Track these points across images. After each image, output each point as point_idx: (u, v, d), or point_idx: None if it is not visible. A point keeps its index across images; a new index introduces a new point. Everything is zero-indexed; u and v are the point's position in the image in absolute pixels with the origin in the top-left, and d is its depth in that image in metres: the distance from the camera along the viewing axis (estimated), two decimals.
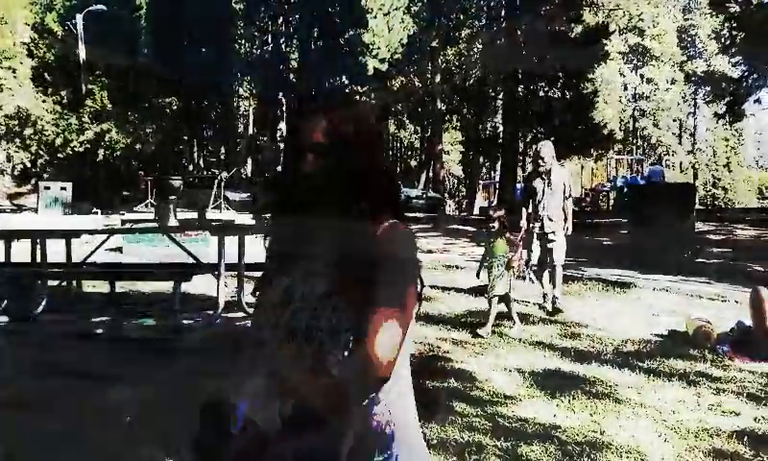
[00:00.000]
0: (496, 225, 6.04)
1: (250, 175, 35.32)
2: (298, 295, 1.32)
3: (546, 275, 6.92)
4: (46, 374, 4.47)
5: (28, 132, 23.02)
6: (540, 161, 7.00)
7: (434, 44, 32.23)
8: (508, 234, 6.10)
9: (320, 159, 1.35)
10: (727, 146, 58.15)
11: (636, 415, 3.91)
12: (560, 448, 3.39)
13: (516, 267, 6.23)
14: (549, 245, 6.82)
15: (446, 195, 35.67)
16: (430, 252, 11.99)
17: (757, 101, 24.22)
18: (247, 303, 6.52)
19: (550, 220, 6.84)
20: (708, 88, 24.94)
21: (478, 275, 6.36)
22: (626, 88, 54.10)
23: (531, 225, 6.92)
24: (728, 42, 24.13)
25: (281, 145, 34.82)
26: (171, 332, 5.66)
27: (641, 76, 53.46)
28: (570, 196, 7.12)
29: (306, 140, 1.37)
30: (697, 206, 17.15)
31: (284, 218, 1.43)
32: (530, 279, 7.55)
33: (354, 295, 1.27)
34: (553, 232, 6.84)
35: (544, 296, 6.99)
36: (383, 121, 37.82)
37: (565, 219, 6.89)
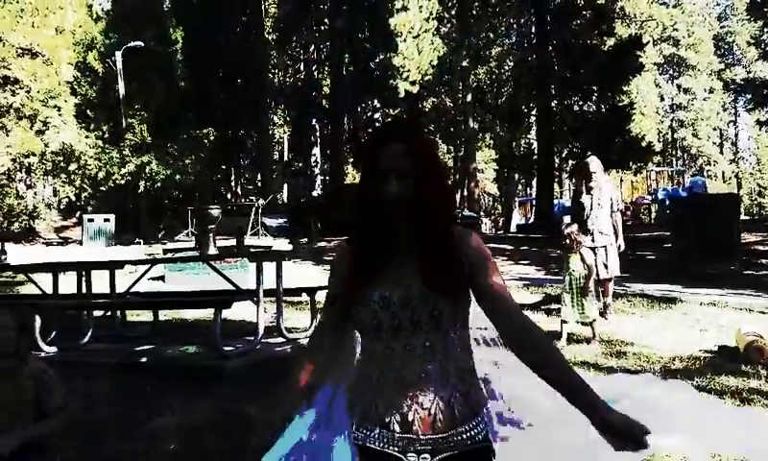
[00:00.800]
0: (568, 241, 6.13)
1: (286, 201, 35.79)
2: (395, 299, 1.53)
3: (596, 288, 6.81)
4: (93, 403, 4.56)
5: (72, 167, 23.77)
6: (588, 175, 7.09)
7: (464, 64, 32.31)
8: (582, 250, 6.12)
9: (404, 182, 1.53)
10: None
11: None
12: None
13: (590, 287, 6.15)
14: (602, 259, 6.85)
15: (482, 213, 35.44)
16: None
17: None
18: (285, 328, 6.56)
19: (601, 233, 6.92)
20: (749, 96, 24.24)
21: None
22: (663, 99, 53.24)
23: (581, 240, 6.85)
24: None
25: (315, 170, 35.23)
26: (213, 359, 5.72)
27: (678, 86, 52.60)
28: (619, 209, 7.22)
29: (391, 165, 1.54)
30: (742, 217, 16.65)
31: (369, 238, 1.60)
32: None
33: (447, 290, 1.53)
34: (604, 246, 6.89)
35: (605, 305, 7.04)
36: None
37: (616, 233, 7.00)
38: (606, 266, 6.88)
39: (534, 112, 28.66)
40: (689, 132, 52.90)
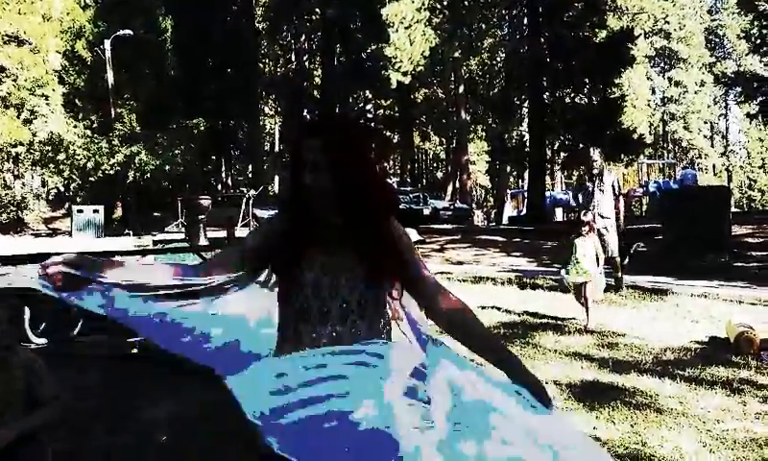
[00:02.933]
0: (587, 228, 6.65)
1: (277, 192, 35.64)
2: (326, 285, 1.60)
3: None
4: (84, 394, 4.52)
5: (61, 157, 23.51)
6: (591, 163, 7.86)
7: (456, 55, 32.24)
8: (594, 236, 6.71)
9: (318, 174, 1.58)
10: (762, 147, 56.80)
11: (679, 425, 3.79)
12: None
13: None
14: (603, 239, 7.42)
15: (474, 205, 35.49)
16: (460, 263, 11.91)
17: None
18: None
19: (601, 217, 7.61)
20: (740, 89, 24.34)
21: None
22: (654, 92, 53.42)
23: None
24: (758, 41, 23.66)
25: None
26: None
27: (669, 79, 52.78)
28: (621, 194, 7.95)
29: (307, 157, 1.59)
30: (733, 209, 16.74)
31: (297, 221, 1.65)
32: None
33: (377, 280, 1.64)
34: (605, 228, 7.63)
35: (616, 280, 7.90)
36: (408, 133, 37.89)
37: (618, 215, 7.78)
38: (606, 245, 7.45)
39: (526, 104, 28.65)
40: (680, 124, 53.14)
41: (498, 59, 33.44)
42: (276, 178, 39.28)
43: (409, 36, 26.77)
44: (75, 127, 23.57)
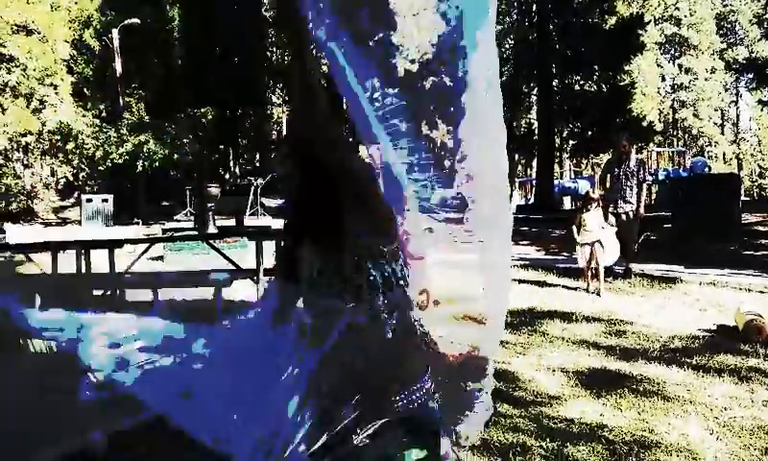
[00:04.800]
0: (594, 204, 7.33)
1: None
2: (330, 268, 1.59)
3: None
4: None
5: (70, 146, 23.58)
6: (621, 148, 8.16)
7: (464, 43, 32.02)
8: (599, 211, 7.47)
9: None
10: None
11: (686, 412, 3.79)
12: (607, 448, 3.31)
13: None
14: (623, 225, 7.94)
15: None
16: None
17: None
18: None
19: (626, 201, 7.94)
20: (751, 75, 24.08)
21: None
22: (664, 79, 52.93)
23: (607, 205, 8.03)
24: None
25: None
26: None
27: (680, 66, 52.25)
28: (646, 180, 8.14)
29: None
30: (743, 197, 16.62)
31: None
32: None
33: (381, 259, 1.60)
34: (626, 213, 7.96)
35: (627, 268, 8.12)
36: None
37: (639, 200, 7.95)
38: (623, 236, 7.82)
39: (534, 92, 28.48)
40: (690, 112, 52.63)
41: (507, 46, 33.17)
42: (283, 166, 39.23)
43: (416, 23, 26.64)
44: (84, 116, 23.63)
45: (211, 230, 10.53)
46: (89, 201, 20.21)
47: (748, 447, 3.32)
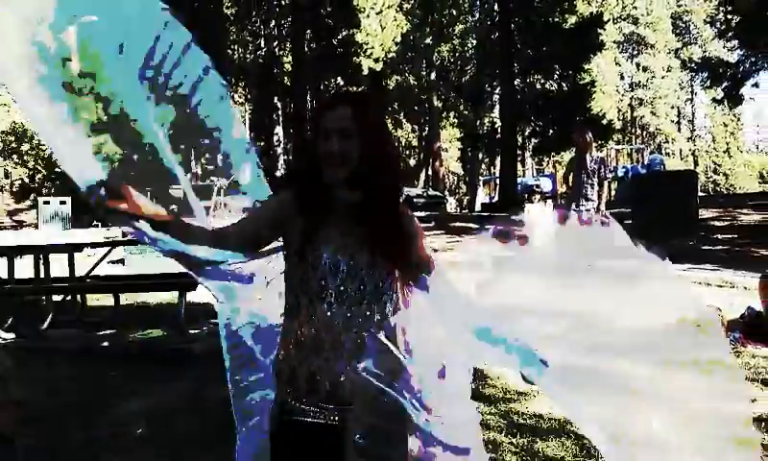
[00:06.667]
0: (538, 198, 7.06)
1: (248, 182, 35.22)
2: (344, 266, 1.61)
3: None
4: (55, 390, 4.44)
5: (25, 147, 22.95)
6: (580, 145, 8.10)
7: (428, 41, 32.20)
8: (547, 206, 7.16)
9: (348, 141, 1.59)
10: (726, 131, 58.01)
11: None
12: (576, 443, 3.35)
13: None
14: None
15: (447, 193, 35.64)
16: (434, 250, 11.94)
17: (755, 85, 24.00)
18: None
19: (587, 199, 7.80)
20: (705, 74, 24.76)
21: None
22: (622, 78, 54.06)
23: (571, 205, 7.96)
24: (723, 27, 24.04)
25: (278, 150, 34.85)
26: (178, 342, 5.62)
27: (637, 64, 53.45)
28: (606, 178, 8.11)
29: (336, 125, 1.60)
30: (699, 193, 17.07)
31: (311, 196, 1.66)
32: None
33: (392, 265, 1.66)
34: (588, 210, 7.75)
35: None
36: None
37: (599, 199, 7.84)
38: None
39: (497, 91, 28.78)
40: (648, 110, 53.90)
41: (470, 45, 33.46)
42: (248, 167, 38.82)
43: (380, 21, 26.63)
44: None
45: None
46: (46, 203, 19.68)
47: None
